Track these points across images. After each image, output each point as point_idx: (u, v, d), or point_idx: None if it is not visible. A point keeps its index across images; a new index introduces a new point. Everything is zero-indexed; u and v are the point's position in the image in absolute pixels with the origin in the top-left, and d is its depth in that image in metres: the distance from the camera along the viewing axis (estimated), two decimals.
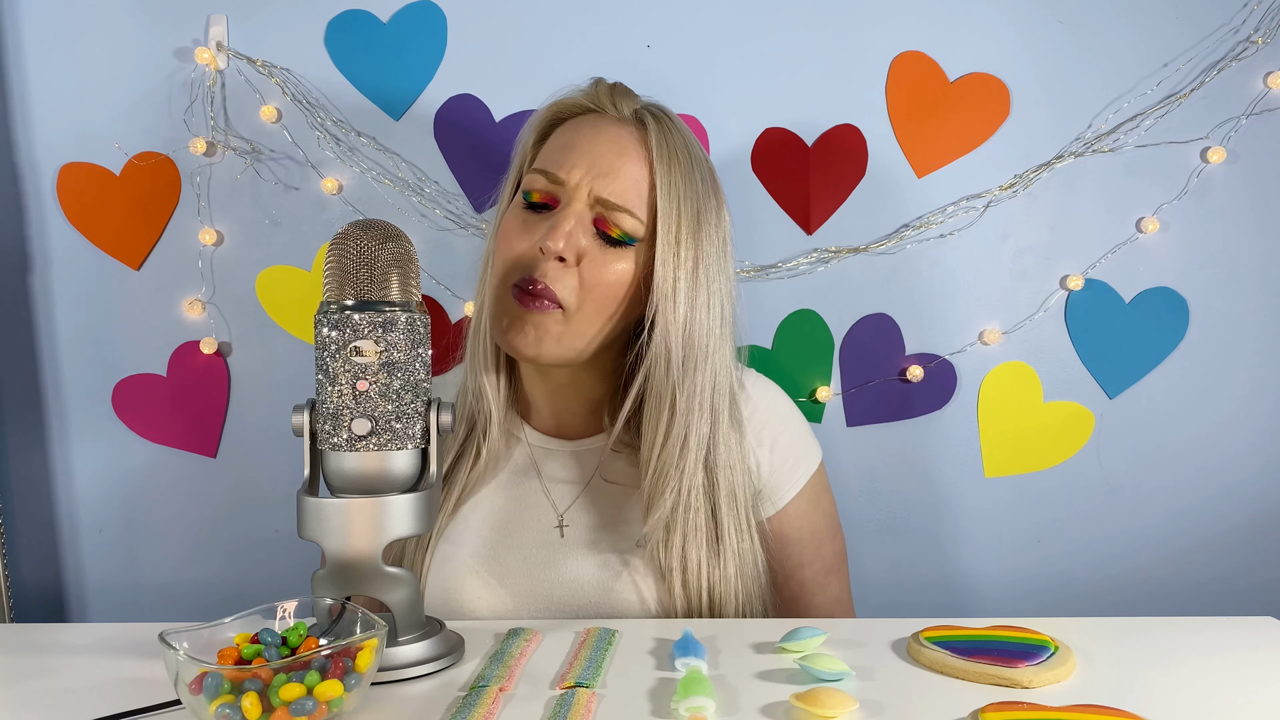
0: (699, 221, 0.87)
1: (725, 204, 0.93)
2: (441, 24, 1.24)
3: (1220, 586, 1.28)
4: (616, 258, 0.86)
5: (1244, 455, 1.26)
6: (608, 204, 0.85)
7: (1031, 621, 0.75)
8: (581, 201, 0.86)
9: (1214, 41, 1.20)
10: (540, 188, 0.88)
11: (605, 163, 0.86)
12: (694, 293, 0.87)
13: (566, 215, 0.85)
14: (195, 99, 1.25)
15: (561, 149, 0.88)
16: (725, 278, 0.90)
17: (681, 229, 0.86)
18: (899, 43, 1.23)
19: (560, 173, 0.86)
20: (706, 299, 0.88)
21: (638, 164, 0.87)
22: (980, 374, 1.27)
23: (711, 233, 0.89)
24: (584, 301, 0.85)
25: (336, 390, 0.67)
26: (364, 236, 0.68)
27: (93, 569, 1.35)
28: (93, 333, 1.30)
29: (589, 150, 0.87)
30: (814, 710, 0.59)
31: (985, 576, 1.30)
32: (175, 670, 0.58)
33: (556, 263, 0.84)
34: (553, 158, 0.88)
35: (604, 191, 0.85)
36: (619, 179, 0.86)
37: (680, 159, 0.88)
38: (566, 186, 0.86)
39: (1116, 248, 1.24)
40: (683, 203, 0.86)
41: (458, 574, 0.89)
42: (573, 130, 0.90)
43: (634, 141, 0.88)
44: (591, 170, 0.86)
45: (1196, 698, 0.63)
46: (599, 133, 0.88)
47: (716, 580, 0.87)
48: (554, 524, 0.90)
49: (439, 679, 0.69)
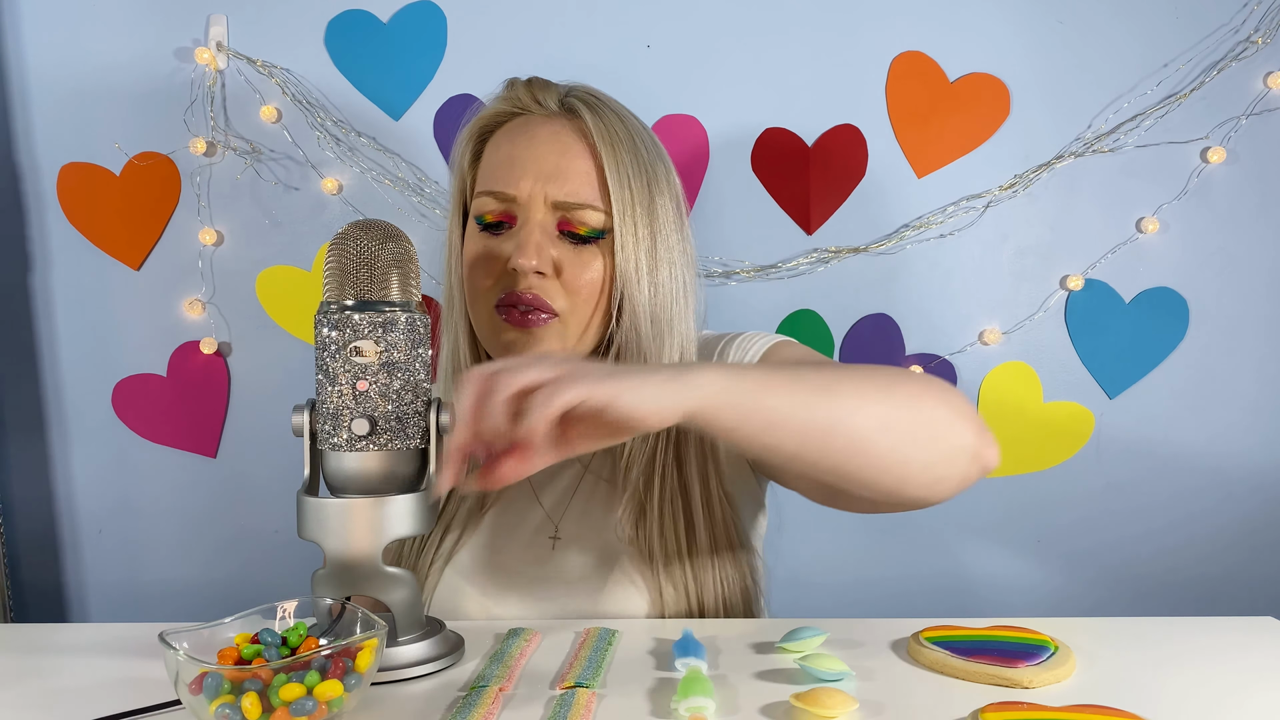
0: (651, 195, 0.86)
1: (671, 164, 0.91)
2: (441, 24, 1.24)
3: (1220, 586, 1.28)
4: (591, 255, 0.84)
5: (1244, 455, 1.26)
6: (567, 205, 0.83)
7: (1031, 621, 0.75)
8: (540, 211, 0.83)
9: (1214, 41, 1.20)
10: (492, 209, 0.85)
11: (551, 164, 0.84)
12: (655, 269, 0.85)
13: (530, 229, 0.83)
14: (195, 99, 1.25)
15: (502, 164, 0.85)
16: (682, 242, 0.89)
17: (636, 209, 0.85)
18: (899, 43, 1.23)
19: (509, 189, 0.84)
20: (669, 271, 0.87)
21: (582, 157, 0.84)
22: (980, 374, 1.27)
23: (665, 201, 0.87)
24: (575, 305, 0.84)
25: (336, 390, 0.67)
26: (364, 236, 0.68)
27: (93, 569, 1.35)
28: (93, 333, 1.30)
29: (531, 157, 0.84)
30: (814, 710, 0.59)
31: (985, 576, 1.30)
32: (175, 670, 0.58)
33: (536, 276, 0.83)
34: (496, 175, 0.85)
35: (559, 194, 0.83)
36: (570, 177, 0.84)
37: (620, 136, 0.86)
38: (519, 201, 0.84)
39: (1116, 248, 1.24)
40: (633, 181, 0.85)
41: (454, 593, 0.88)
42: (507, 141, 0.86)
43: (572, 134, 0.85)
44: (540, 177, 0.83)
45: (1196, 698, 0.63)
46: (534, 136, 0.85)
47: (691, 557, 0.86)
48: (548, 534, 0.90)
49: (439, 679, 0.69)
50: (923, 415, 0.69)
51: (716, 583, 0.87)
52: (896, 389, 0.70)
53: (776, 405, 0.65)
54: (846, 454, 0.67)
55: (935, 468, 0.70)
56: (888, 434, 0.68)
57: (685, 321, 0.89)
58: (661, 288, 0.86)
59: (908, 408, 0.69)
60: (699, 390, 0.63)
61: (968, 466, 0.71)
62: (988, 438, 0.72)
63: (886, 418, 0.68)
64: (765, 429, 0.65)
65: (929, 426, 0.69)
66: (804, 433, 0.66)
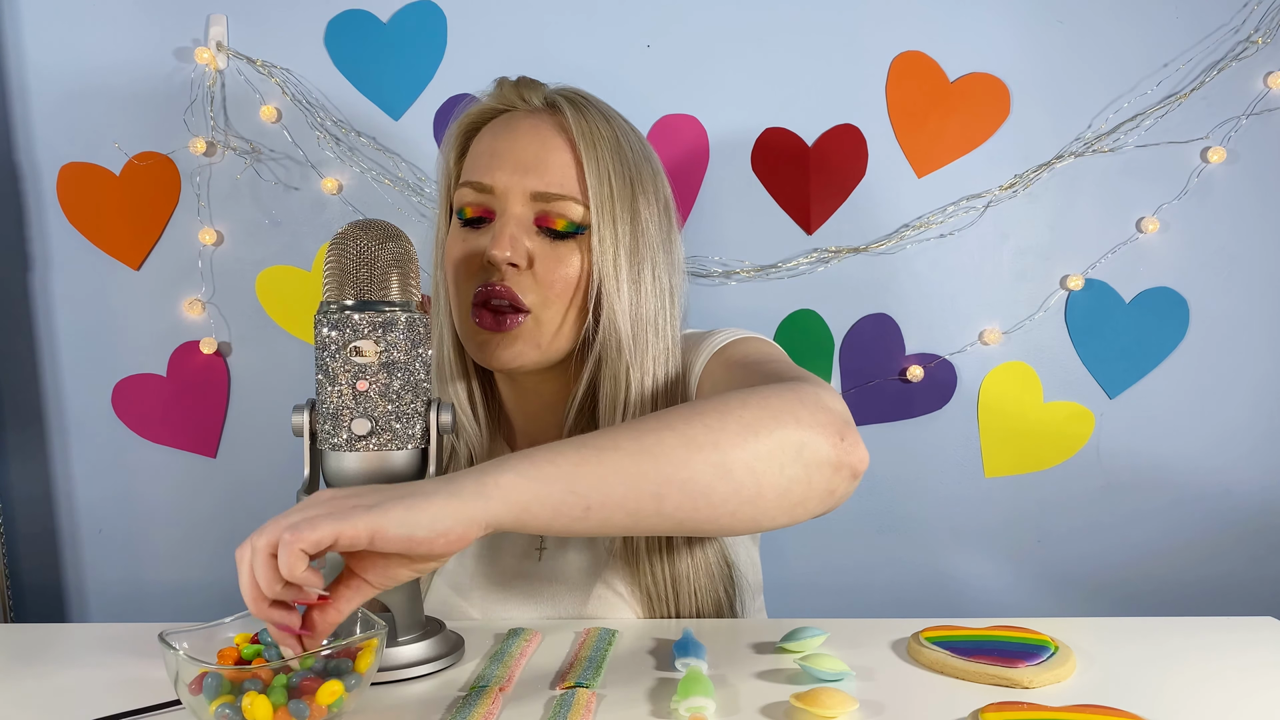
0: (634, 194, 0.84)
1: (662, 172, 0.89)
2: (441, 24, 1.24)
3: (1220, 586, 1.28)
4: (568, 251, 0.83)
5: (1244, 455, 1.26)
6: (546, 196, 0.82)
7: (1031, 621, 0.75)
8: (518, 204, 0.82)
9: (1214, 41, 1.20)
10: (471, 201, 0.84)
11: (530, 156, 0.82)
12: (637, 270, 0.84)
13: (506, 221, 0.82)
14: (195, 99, 1.25)
15: (483, 156, 0.85)
16: (669, 247, 0.87)
17: (616, 205, 0.83)
18: (899, 43, 1.23)
19: (486, 180, 0.83)
20: (651, 274, 0.84)
21: (562, 150, 0.83)
22: (980, 374, 1.27)
23: (651, 203, 0.86)
24: (547, 300, 0.82)
25: (336, 390, 0.67)
26: (364, 236, 0.68)
27: (93, 569, 1.35)
28: (93, 333, 1.30)
29: (510, 150, 0.83)
30: (814, 710, 0.59)
31: (985, 576, 1.30)
32: (175, 670, 0.58)
33: (510, 269, 0.81)
34: (476, 167, 0.85)
35: (538, 185, 0.82)
36: (549, 170, 0.82)
37: (603, 133, 0.84)
38: (496, 193, 0.83)
39: (1116, 248, 1.24)
40: (613, 177, 0.83)
41: (444, 604, 0.88)
42: (490, 136, 0.86)
43: (553, 129, 0.84)
44: (518, 169, 0.82)
45: (1196, 698, 0.63)
46: (515, 130, 0.85)
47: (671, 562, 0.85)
48: (536, 544, 0.89)
49: (439, 679, 0.69)
50: (763, 445, 0.63)
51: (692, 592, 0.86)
52: (728, 423, 0.64)
53: (591, 488, 0.60)
54: (687, 510, 0.62)
55: (791, 493, 0.65)
56: (727, 478, 0.62)
57: (670, 327, 0.87)
58: (644, 290, 0.84)
59: (744, 443, 0.63)
60: (493, 500, 0.58)
61: (830, 480, 0.66)
62: (849, 441, 0.66)
63: (721, 461, 0.62)
64: (584, 515, 0.60)
65: (773, 455, 0.64)
66: (631, 504, 0.61)
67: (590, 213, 0.82)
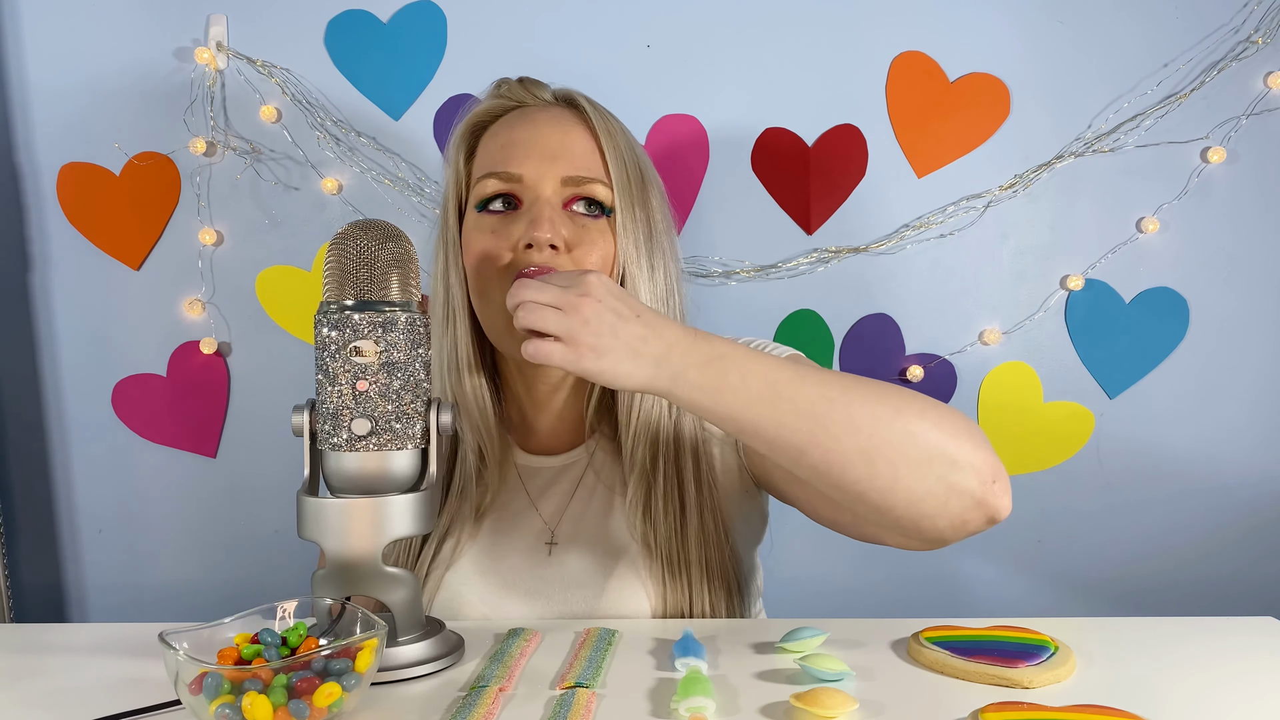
0: (645, 184, 0.87)
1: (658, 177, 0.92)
2: (441, 24, 1.24)
3: (1220, 586, 1.28)
4: (599, 233, 0.84)
5: (1244, 455, 1.26)
6: (578, 180, 0.83)
7: (1031, 621, 0.75)
8: (549, 189, 0.83)
9: (1214, 41, 1.20)
10: (494, 190, 0.84)
11: (555, 143, 0.84)
12: (653, 258, 0.86)
13: (541, 205, 0.82)
14: (195, 99, 1.25)
15: (503, 148, 0.85)
16: (671, 246, 0.90)
17: (634, 191, 0.85)
18: (899, 43, 1.23)
19: (513, 169, 0.83)
20: (661, 266, 0.87)
21: (584, 137, 0.85)
22: (980, 374, 1.27)
23: (657, 194, 0.89)
24: None
25: (336, 390, 0.67)
26: (364, 236, 0.68)
27: (93, 569, 1.35)
28: (93, 333, 1.30)
29: (535, 139, 0.84)
30: (814, 710, 0.59)
31: (985, 576, 1.30)
32: (175, 670, 0.58)
33: (550, 251, 0.81)
34: (498, 158, 0.85)
35: (567, 170, 0.83)
36: (575, 155, 0.84)
37: (614, 126, 0.87)
38: (525, 181, 0.83)
39: (1116, 248, 1.24)
40: (628, 165, 0.86)
41: (454, 599, 0.88)
42: (505, 129, 0.86)
43: (571, 118, 0.86)
44: (545, 156, 0.83)
45: (1196, 697, 0.63)
46: (534, 121, 0.86)
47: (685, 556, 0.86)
48: (545, 540, 0.89)
49: (439, 679, 0.69)
50: (921, 437, 0.68)
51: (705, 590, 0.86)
52: (910, 405, 0.69)
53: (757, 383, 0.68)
54: (826, 449, 0.68)
55: (923, 502, 0.69)
56: (874, 437, 0.68)
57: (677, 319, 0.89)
58: (658, 278, 0.87)
59: (905, 424, 0.69)
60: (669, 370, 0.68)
61: (967, 511, 0.70)
62: (1000, 486, 0.70)
63: (879, 420, 0.68)
64: (747, 405, 0.68)
65: (925, 450, 0.68)
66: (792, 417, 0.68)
67: (615, 195, 0.84)
